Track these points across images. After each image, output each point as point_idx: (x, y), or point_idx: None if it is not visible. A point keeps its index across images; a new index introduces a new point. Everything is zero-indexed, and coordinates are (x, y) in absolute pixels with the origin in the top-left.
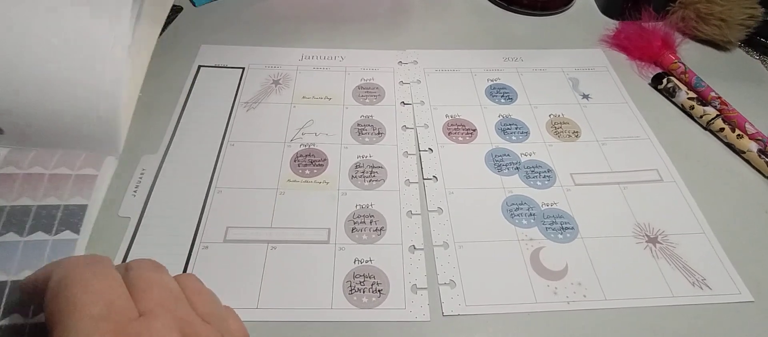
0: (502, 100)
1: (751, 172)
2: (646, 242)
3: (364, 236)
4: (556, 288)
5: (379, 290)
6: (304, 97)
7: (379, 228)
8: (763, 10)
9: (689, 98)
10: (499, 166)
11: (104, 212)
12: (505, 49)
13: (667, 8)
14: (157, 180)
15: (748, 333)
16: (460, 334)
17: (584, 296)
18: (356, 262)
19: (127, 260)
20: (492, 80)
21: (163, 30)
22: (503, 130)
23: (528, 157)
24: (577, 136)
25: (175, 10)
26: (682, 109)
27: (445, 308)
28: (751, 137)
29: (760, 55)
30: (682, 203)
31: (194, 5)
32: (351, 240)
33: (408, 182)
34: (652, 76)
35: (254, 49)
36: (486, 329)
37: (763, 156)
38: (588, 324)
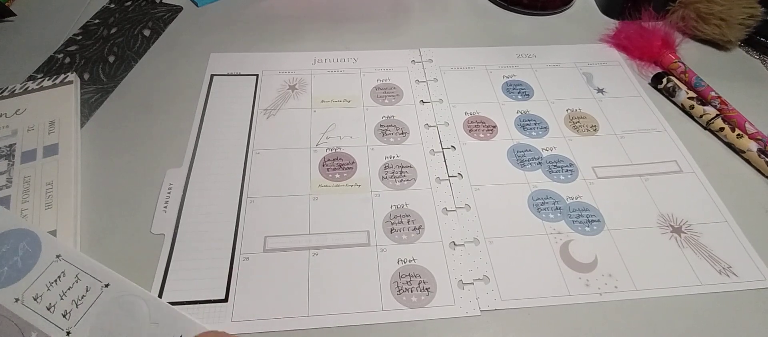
0: (520, 97)
1: (750, 171)
2: (671, 232)
3: (404, 236)
4: (587, 280)
5: (426, 288)
6: (322, 101)
7: (417, 227)
8: (762, 9)
9: (689, 98)
10: (521, 161)
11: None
12: (517, 45)
13: (667, 8)
14: (186, 194)
15: None
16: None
17: (615, 287)
18: (400, 262)
19: (168, 276)
20: (507, 77)
21: (161, 31)
22: (523, 126)
23: (549, 152)
24: (595, 130)
25: (175, 10)
26: (682, 108)
27: (482, 303)
28: (751, 137)
29: (760, 55)
30: (702, 193)
31: (196, 5)
32: (391, 241)
33: (438, 180)
34: (652, 75)
35: (266, 55)
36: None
37: (762, 156)
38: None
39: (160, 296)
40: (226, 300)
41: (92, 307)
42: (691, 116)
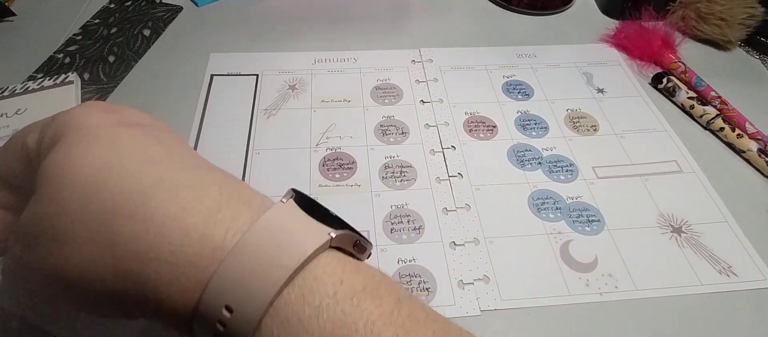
0: (520, 97)
1: (751, 171)
2: (671, 232)
3: (404, 236)
4: (587, 280)
5: (427, 288)
6: (323, 100)
7: (417, 227)
8: (763, 9)
9: (689, 98)
10: (522, 161)
11: None
12: (517, 45)
13: (667, 8)
14: None
15: None
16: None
17: (616, 287)
18: (400, 262)
19: None
20: (507, 77)
21: (161, 31)
22: (523, 126)
23: (549, 152)
24: (595, 130)
25: (175, 10)
26: (682, 108)
27: (482, 303)
28: (751, 137)
29: (760, 55)
30: (702, 193)
31: (197, 5)
32: (391, 241)
33: (439, 180)
34: (652, 75)
35: (266, 55)
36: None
37: (763, 155)
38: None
39: None
40: None
41: None
42: (692, 116)
